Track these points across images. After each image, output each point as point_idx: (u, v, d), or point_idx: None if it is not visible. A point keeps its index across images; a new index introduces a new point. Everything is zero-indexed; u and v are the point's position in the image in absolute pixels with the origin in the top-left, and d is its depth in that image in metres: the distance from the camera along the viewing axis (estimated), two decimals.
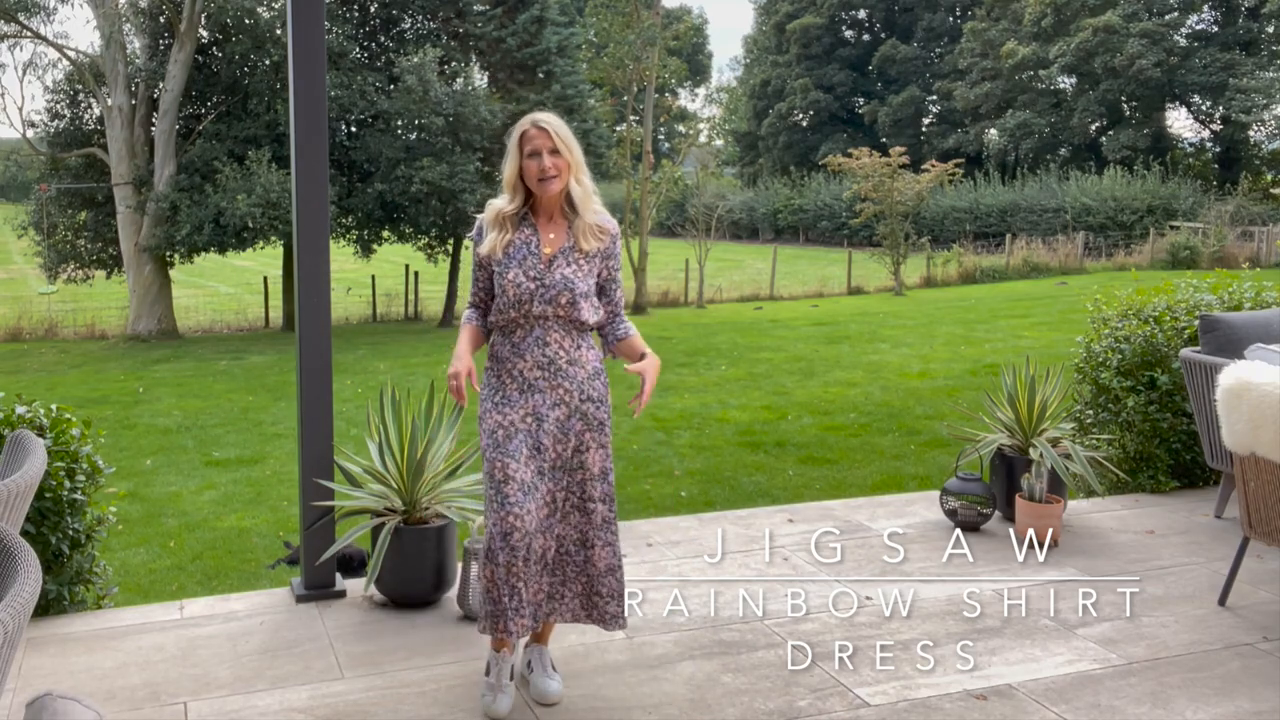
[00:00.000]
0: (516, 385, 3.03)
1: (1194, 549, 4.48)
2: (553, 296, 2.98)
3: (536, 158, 2.97)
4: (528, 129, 2.99)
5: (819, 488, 7.43)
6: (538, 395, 3.01)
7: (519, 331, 3.03)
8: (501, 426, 3.01)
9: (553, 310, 2.99)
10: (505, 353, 3.06)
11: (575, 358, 3.04)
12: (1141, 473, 5.34)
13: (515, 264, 3.00)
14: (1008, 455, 4.84)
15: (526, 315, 3.00)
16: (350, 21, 21.47)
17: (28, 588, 2.02)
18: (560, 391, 3.02)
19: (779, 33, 51.12)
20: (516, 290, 2.98)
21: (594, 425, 3.05)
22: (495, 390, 3.06)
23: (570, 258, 3.03)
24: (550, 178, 2.98)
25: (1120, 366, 5.35)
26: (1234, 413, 3.57)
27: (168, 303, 20.43)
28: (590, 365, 3.06)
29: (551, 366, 3.01)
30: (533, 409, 3.01)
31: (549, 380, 3.01)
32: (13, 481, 2.76)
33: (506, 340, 3.06)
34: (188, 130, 20.47)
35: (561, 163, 2.99)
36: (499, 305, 3.03)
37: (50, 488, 3.66)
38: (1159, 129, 39.78)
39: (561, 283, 2.98)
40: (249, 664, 3.41)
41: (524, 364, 3.02)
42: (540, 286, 2.98)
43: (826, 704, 3.16)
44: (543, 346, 3.01)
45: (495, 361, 3.09)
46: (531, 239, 3.04)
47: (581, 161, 3.04)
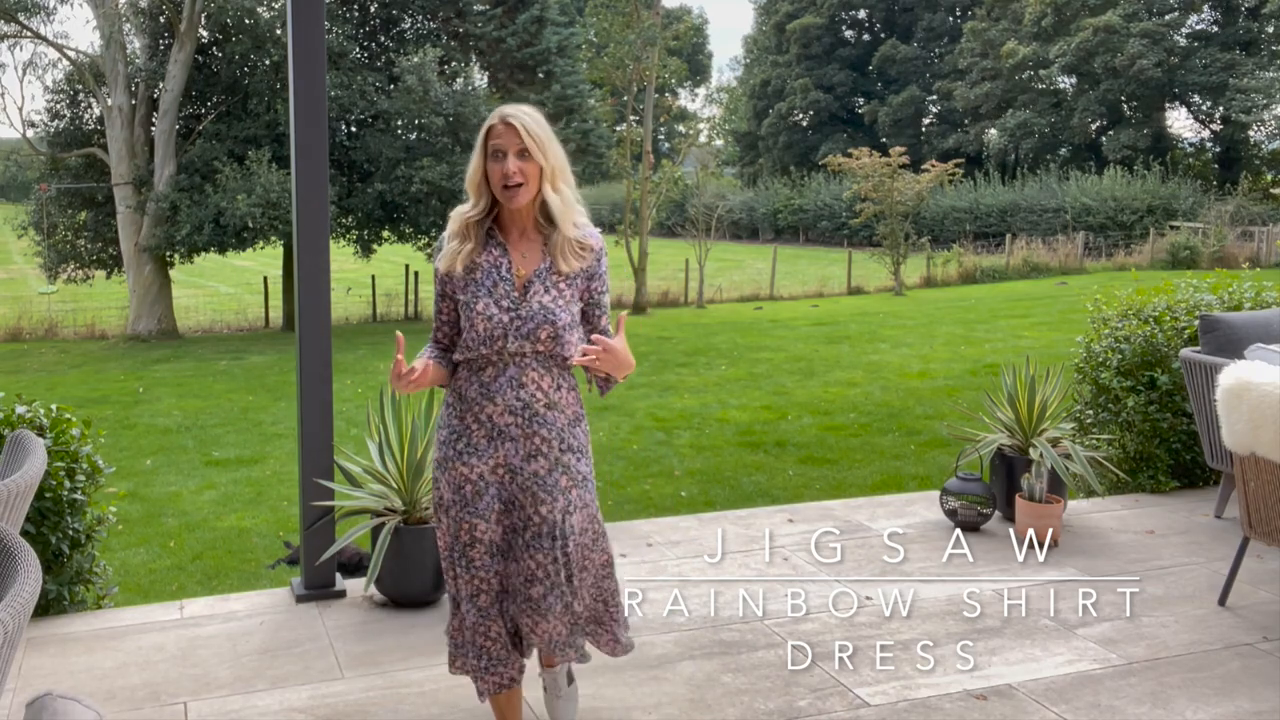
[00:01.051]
0: (484, 431, 2.59)
1: (1194, 549, 4.48)
2: (530, 330, 2.53)
3: (500, 160, 2.50)
4: (494, 124, 2.53)
5: (819, 488, 7.43)
6: (510, 444, 2.58)
7: (490, 370, 2.58)
8: (469, 481, 2.59)
9: (531, 346, 2.55)
10: (473, 393, 2.60)
11: (554, 400, 2.60)
12: (1141, 473, 5.34)
13: (484, 292, 2.56)
14: (1008, 455, 4.84)
15: (500, 352, 2.55)
16: (350, 21, 21.47)
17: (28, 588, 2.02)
18: (537, 440, 2.58)
19: (779, 33, 51.11)
20: (488, 325, 2.54)
21: (579, 480, 2.62)
22: (459, 436, 2.61)
23: (548, 282, 2.57)
24: (514, 186, 2.50)
25: (1120, 366, 5.35)
26: (1234, 413, 3.57)
27: (168, 303, 20.43)
28: (571, 409, 2.64)
29: (527, 411, 2.57)
30: (504, 460, 2.59)
31: (523, 427, 2.58)
32: (13, 481, 2.76)
33: (474, 379, 2.60)
34: (188, 130, 20.47)
35: (531, 168, 2.51)
36: (467, 340, 2.58)
37: (50, 488, 3.66)
38: (1159, 129, 39.78)
39: (540, 314, 2.54)
40: (249, 664, 3.41)
41: (494, 408, 2.57)
42: (515, 319, 2.53)
43: (826, 704, 3.16)
44: (517, 388, 2.57)
45: (460, 402, 2.62)
46: (501, 261, 2.58)
47: (561, 165, 2.56)
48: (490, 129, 2.54)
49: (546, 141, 2.52)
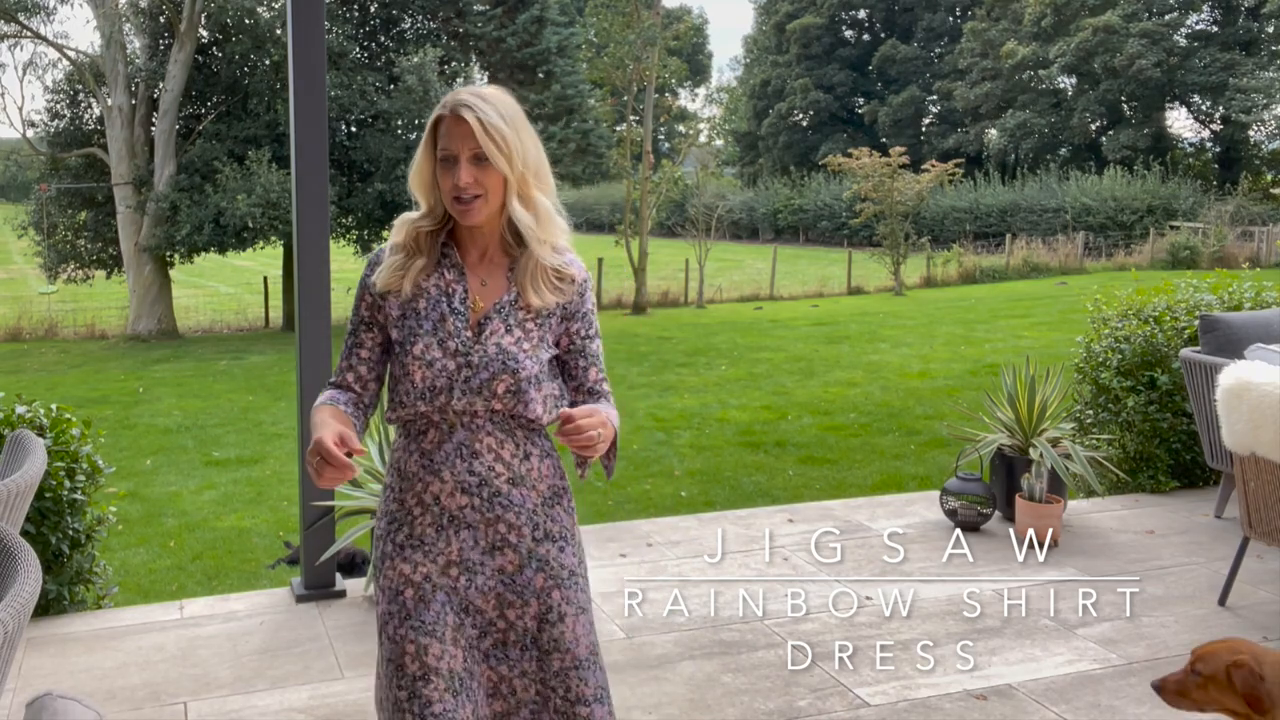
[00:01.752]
0: (431, 519, 1.99)
1: (1194, 549, 4.48)
2: (483, 382, 1.94)
3: (450, 167, 1.91)
4: (443, 115, 1.93)
5: (819, 488, 7.43)
6: (465, 534, 1.98)
7: (432, 435, 1.98)
8: (410, 584, 1.98)
9: (484, 403, 1.95)
10: (412, 466, 2.00)
11: (522, 474, 2.00)
12: (1141, 473, 5.34)
13: (426, 330, 1.96)
14: (1008, 455, 4.84)
15: (444, 410, 1.96)
16: (350, 21, 21.48)
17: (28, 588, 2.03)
18: (500, 528, 1.99)
19: (779, 33, 51.12)
20: (427, 373, 1.94)
21: (562, 578, 2.02)
22: (398, 526, 2.02)
23: (511, 318, 1.98)
24: (468, 200, 1.92)
25: (1120, 366, 5.35)
26: (1234, 413, 3.57)
27: (168, 303, 20.43)
28: (546, 483, 2.03)
29: (484, 489, 1.98)
30: (458, 556, 1.98)
31: (481, 511, 1.98)
32: (13, 481, 2.76)
33: (413, 447, 2.01)
34: (188, 130, 20.47)
35: (490, 178, 1.91)
36: (401, 394, 1.99)
37: (50, 488, 3.66)
38: (1159, 129, 39.78)
39: (497, 360, 1.94)
40: (249, 664, 3.41)
41: (441, 485, 1.98)
42: (464, 366, 1.94)
43: (826, 704, 3.16)
44: (470, 458, 1.97)
45: (398, 479, 2.03)
46: (454, 287, 1.99)
47: (536, 169, 1.97)
48: (438, 122, 1.93)
49: (512, 141, 1.91)
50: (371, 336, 2.05)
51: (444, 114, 1.93)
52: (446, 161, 1.92)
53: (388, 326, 2.03)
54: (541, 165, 1.99)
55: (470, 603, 2.00)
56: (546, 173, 2.01)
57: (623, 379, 12.25)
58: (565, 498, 2.07)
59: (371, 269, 2.05)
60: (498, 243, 2.03)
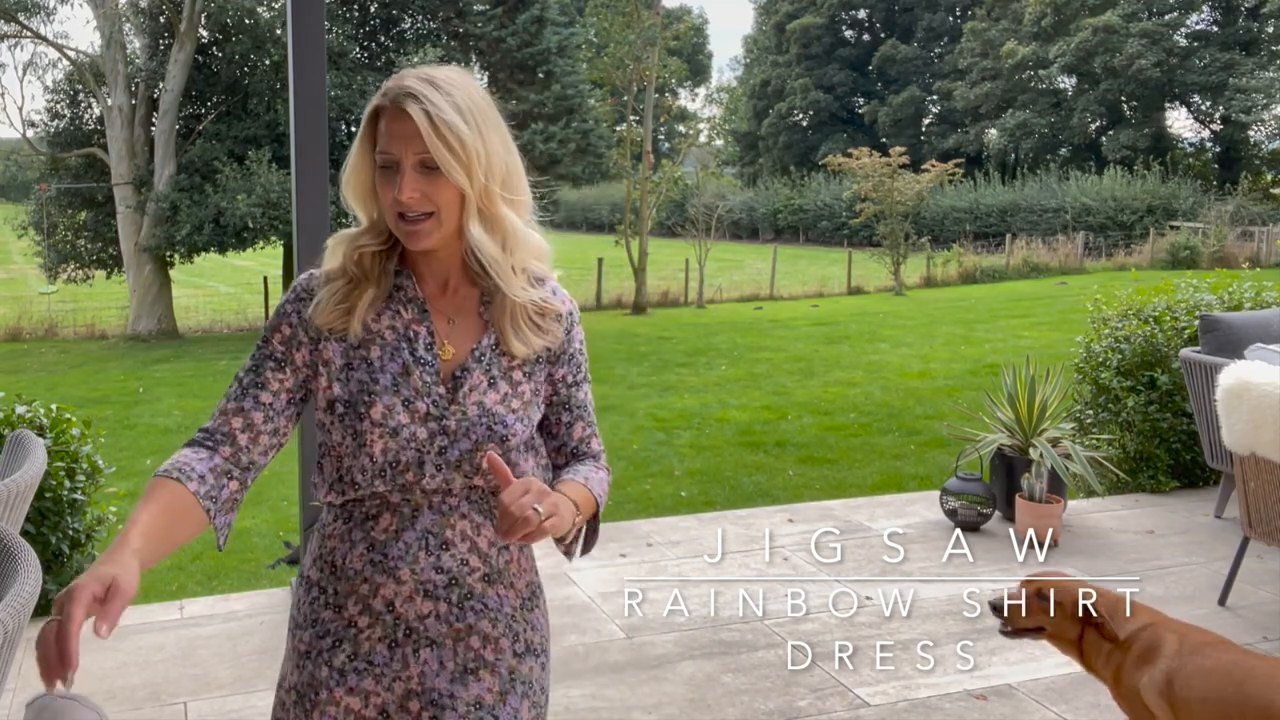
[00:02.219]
0: (383, 632, 1.51)
1: (1194, 549, 4.48)
2: (465, 453, 1.48)
3: (390, 176, 1.44)
4: (382, 106, 1.46)
5: (819, 488, 7.43)
6: (428, 653, 1.51)
7: (387, 520, 1.50)
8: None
9: (463, 480, 1.49)
10: (355, 563, 1.51)
11: (500, 567, 1.55)
12: (1141, 473, 5.34)
13: (387, 386, 1.48)
14: (1008, 455, 4.84)
15: (409, 490, 1.49)
16: (350, 21, 21.48)
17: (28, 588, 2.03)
18: (474, 642, 1.53)
19: (779, 33, 51.13)
20: (391, 444, 1.46)
21: (542, 705, 1.61)
22: (336, 642, 1.53)
23: (494, 368, 1.53)
24: (415, 220, 1.45)
25: (1120, 366, 5.35)
26: (1234, 413, 3.57)
27: (168, 303, 20.44)
28: (525, 578, 1.61)
29: (454, 591, 1.52)
30: (420, 684, 1.51)
31: (449, 621, 1.52)
32: (13, 481, 2.76)
33: (358, 536, 1.51)
34: (188, 130, 20.49)
35: (442, 192, 1.43)
36: (352, 471, 1.49)
37: (50, 488, 3.66)
38: (1159, 129, 39.79)
39: (481, 423, 1.49)
40: (249, 664, 3.41)
41: (397, 588, 1.50)
42: (439, 434, 1.48)
43: (826, 704, 3.16)
44: (437, 551, 1.50)
45: (332, 578, 1.53)
46: (416, 328, 1.51)
47: (505, 175, 1.48)
48: (375, 113, 1.47)
49: (471, 143, 1.43)
50: (281, 380, 1.51)
51: (383, 104, 1.46)
52: (387, 169, 1.45)
53: (317, 377, 1.51)
54: (511, 171, 1.50)
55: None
56: (518, 179, 1.52)
57: (623, 379, 12.25)
58: (541, 597, 1.64)
59: (299, 298, 1.54)
60: (461, 269, 1.54)
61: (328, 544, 1.55)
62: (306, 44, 3.84)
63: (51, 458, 3.65)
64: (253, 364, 1.53)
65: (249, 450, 1.50)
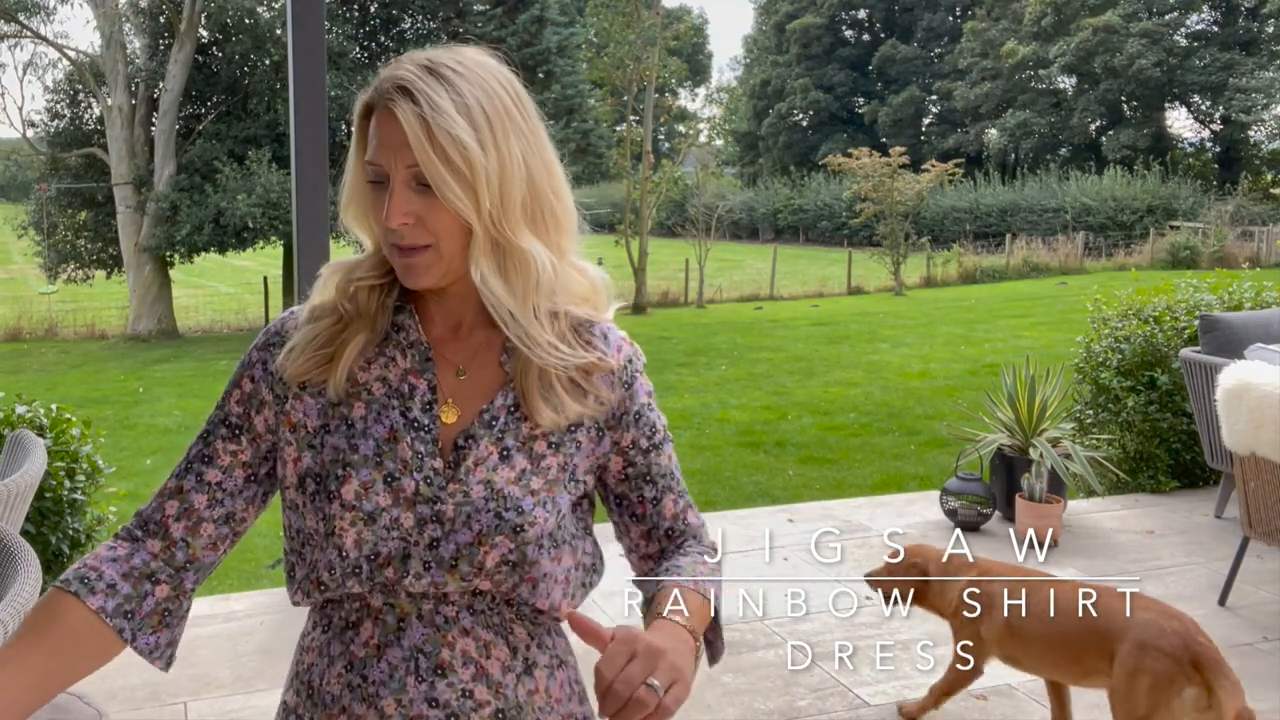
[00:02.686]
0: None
1: (1194, 549, 4.48)
2: (464, 548, 1.11)
3: (381, 193, 1.10)
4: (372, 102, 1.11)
5: (819, 488, 7.43)
6: None
7: (368, 631, 1.15)
8: None
9: (458, 583, 1.12)
10: (332, 686, 1.16)
11: (519, 700, 1.16)
12: (1141, 473, 5.34)
13: (366, 455, 1.13)
14: (1008, 455, 4.84)
15: (391, 592, 1.13)
16: (350, 21, 21.49)
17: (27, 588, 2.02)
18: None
19: (779, 33, 51.13)
20: (366, 532, 1.11)
21: None
22: None
23: (510, 436, 1.15)
24: (409, 253, 1.11)
25: (1120, 366, 5.35)
26: (1234, 413, 3.57)
27: (168, 303, 20.45)
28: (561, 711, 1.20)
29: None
30: None
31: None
32: (13, 481, 2.76)
33: (337, 649, 1.17)
34: (188, 130, 20.50)
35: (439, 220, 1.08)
36: (319, 565, 1.15)
37: (50, 488, 3.66)
38: (1159, 129, 39.79)
39: (487, 510, 1.12)
40: (249, 664, 3.40)
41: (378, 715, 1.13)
42: (431, 520, 1.12)
43: (826, 704, 3.16)
44: (431, 677, 1.13)
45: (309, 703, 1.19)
46: (415, 381, 1.16)
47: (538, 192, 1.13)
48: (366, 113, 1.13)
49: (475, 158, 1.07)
50: (234, 452, 1.18)
51: (373, 100, 1.10)
52: (377, 185, 1.11)
53: (282, 445, 1.17)
54: (541, 190, 1.13)
55: None
56: (553, 199, 1.15)
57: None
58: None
59: (269, 344, 1.20)
60: (479, 308, 1.16)
61: (305, 659, 1.21)
62: (306, 44, 3.85)
63: (51, 458, 3.65)
64: (204, 430, 1.19)
65: (186, 545, 1.16)
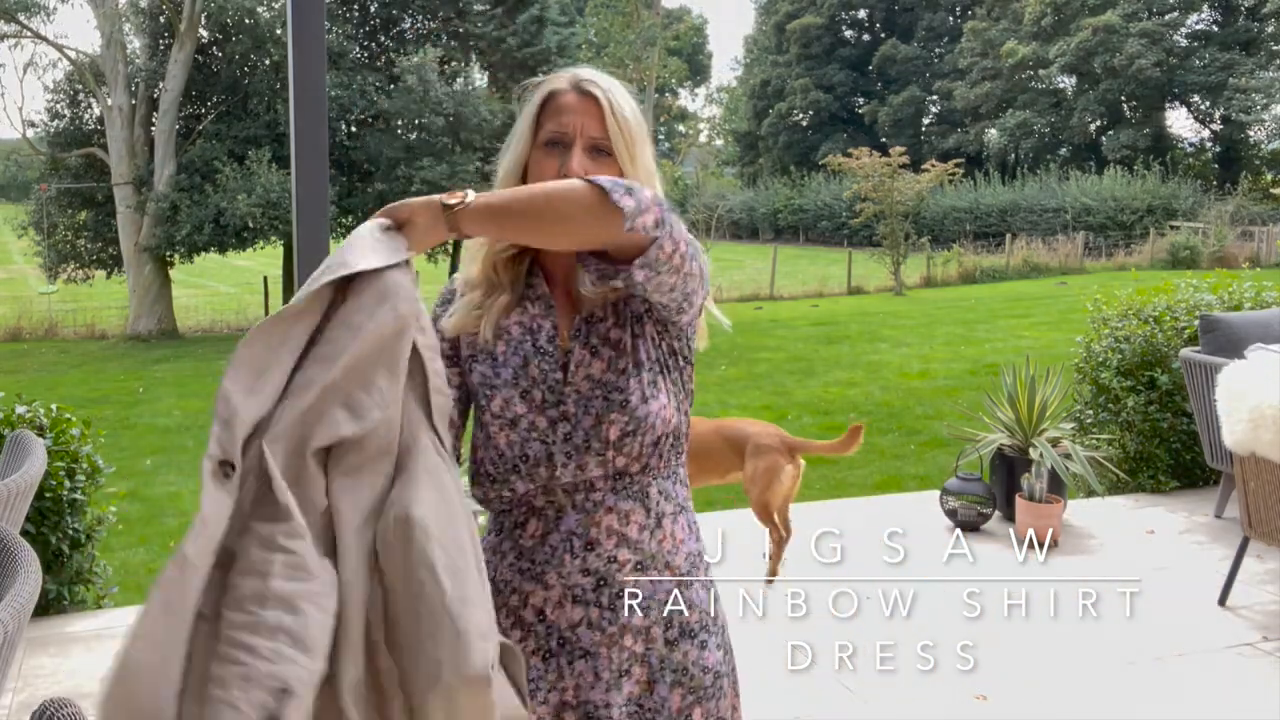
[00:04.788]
0: (536, 644, 1.47)
1: (1194, 549, 4.48)
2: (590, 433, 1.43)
3: (555, 153, 1.46)
4: (560, 90, 1.49)
5: (819, 488, 7.43)
6: (582, 664, 1.45)
7: (533, 525, 1.48)
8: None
9: (599, 464, 1.44)
10: (505, 573, 1.49)
11: (653, 552, 1.49)
12: (1141, 473, 5.34)
13: (506, 379, 1.47)
14: (1008, 455, 4.84)
15: (550, 490, 1.46)
16: (350, 21, 21.49)
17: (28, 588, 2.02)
18: (626, 641, 1.46)
19: (779, 33, 51.13)
20: (514, 436, 1.45)
21: (704, 687, 1.51)
22: None
23: (592, 335, 1.48)
24: None
25: (1120, 366, 5.35)
26: (1234, 413, 3.57)
27: (168, 302, 20.45)
28: (684, 552, 1.54)
29: (603, 593, 1.46)
30: (575, 696, 1.46)
31: (601, 628, 1.46)
32: (13, 481, 2.76)
33: (508, 545, 1.50)
34: (188, 130, 20.50)
35: (606, 169, 1.45)
36: (484, 464, 1.50)
37: (50, 488, 3.66)
38: (1159, 129, 39.79)
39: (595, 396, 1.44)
40: None
41: (546, 594, 1.46)
42: (560, 419, 1.44)
43: (826, 704, 3.16)
44: (584, 552, 1.45)
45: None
46: (541, 323, 1.50)
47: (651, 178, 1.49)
48: (551, 98, 1.49)
49: (639, 136, 1.48)
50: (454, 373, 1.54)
51: (560, 88, 1.48)
52: (553, 145, 1.46)
53: (462, 371, 1.54)
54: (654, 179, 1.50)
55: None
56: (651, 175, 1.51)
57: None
58: (702, 564, 1.56)
59: (440, 303, 1.59)
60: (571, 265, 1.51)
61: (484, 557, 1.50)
62: (306, 44, 3.84)
63: (51, 458, 3.65)
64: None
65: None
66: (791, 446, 4.17)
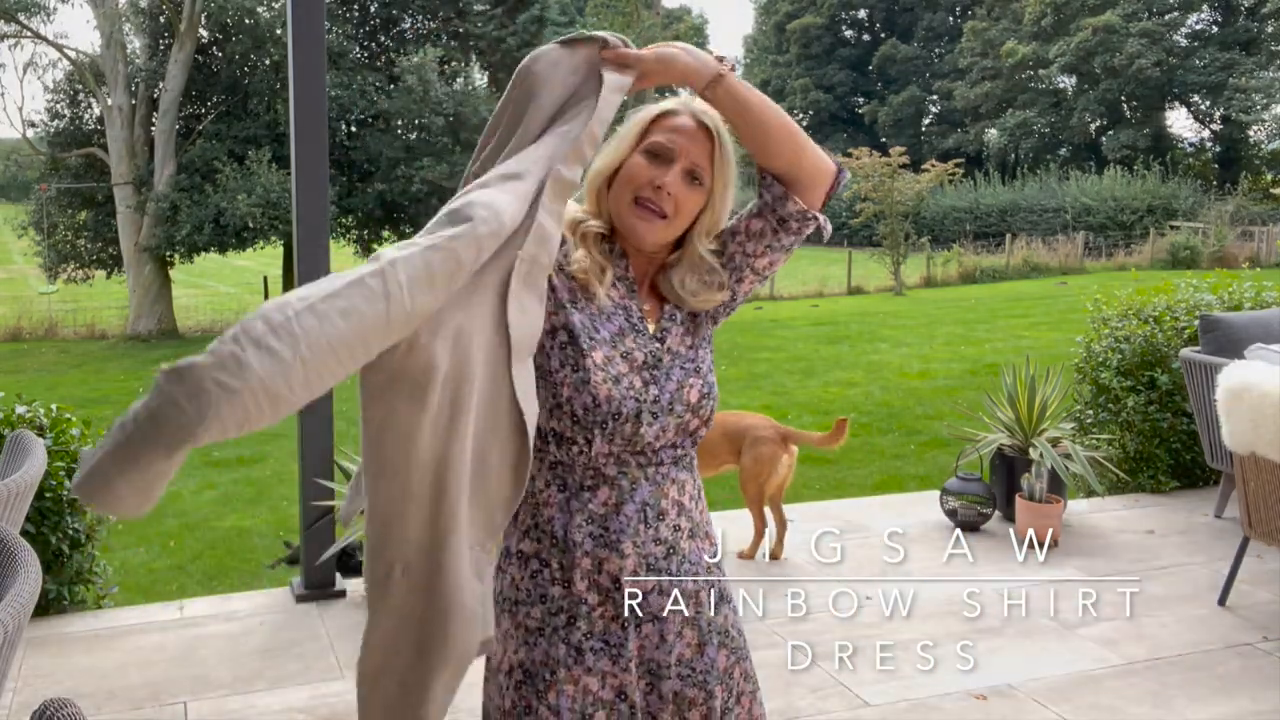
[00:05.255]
0: (613, 609, 1.53)
1: (1194, 549, 4.48)
2: (674, 395, 1.55)
3: (658, 164, 1.55)
4: (674, 111, 1.60)
5: (819, 488, 7.43)
6: (649, 627, 1.55)
7: (605, 493, 1.52)
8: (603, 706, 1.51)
9: (677, 423, 1.55)
10: (575, 534, 1.52)
11: (698, 520, 1.63)
12: (1141, 473, 5.34)
13: (607, 339, 1.54)
14: (1008, 455, 4.84)
15: (632, 446, 1.53)
16: (350, 21, 21.50)
17: (28, 588, 2.02)
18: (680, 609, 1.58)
19: (779, 33, 51.16)
20: (615, 392, 1.51)
21: (740, 648, 1.69)
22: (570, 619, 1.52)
23: (685, 324, 1.63)
24: (655, 208, 1.54)
25: (1120, 366, 5.35)
26: (1234, 413, 3.57)
27: (168, 302, 20.45)
28: (710, 528, 1.68)
29: (671, 560, 1.57)
30: (640, 657, 1.55)
31: (667, 592, 1.56)
32: (13, 481, 2.76)
33: (576, 506, 1.53)
34: (188, 130, 20.50)
35: (692, 203, 1.56)
36: (571, 403, 1.51)
37: (50, 488, 3.66)
38: (1159, 129, 39.80)
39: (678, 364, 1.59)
40: (249, 664, 3.40)
41: (620, 562, 1.52)
42: (652, 382, 1.55)
43: (826, 704, 3.16)
44: (656, 522, 1.55)
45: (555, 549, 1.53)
46: (629, 303, 1.59)
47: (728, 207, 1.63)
48: (665, 116, 1.59)
49: (731, 178, 1.61)
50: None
51: (677, 110, 1.60)
52: (654, 155, 1.55)
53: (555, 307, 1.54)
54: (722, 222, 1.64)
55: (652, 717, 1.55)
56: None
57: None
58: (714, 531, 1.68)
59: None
60: (653, 274, 1.64)
61: (544, 513, 1.54)
62: (306, 44, 3.84)
63: (51, 458, 3.65)
64: None
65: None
66: (786, 436, 4.38)
